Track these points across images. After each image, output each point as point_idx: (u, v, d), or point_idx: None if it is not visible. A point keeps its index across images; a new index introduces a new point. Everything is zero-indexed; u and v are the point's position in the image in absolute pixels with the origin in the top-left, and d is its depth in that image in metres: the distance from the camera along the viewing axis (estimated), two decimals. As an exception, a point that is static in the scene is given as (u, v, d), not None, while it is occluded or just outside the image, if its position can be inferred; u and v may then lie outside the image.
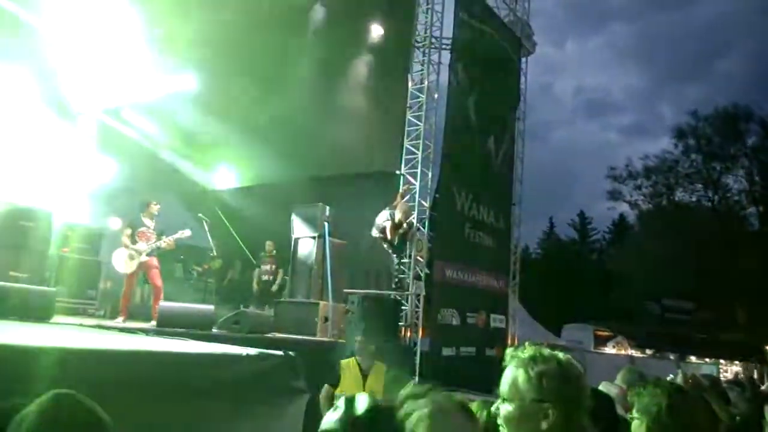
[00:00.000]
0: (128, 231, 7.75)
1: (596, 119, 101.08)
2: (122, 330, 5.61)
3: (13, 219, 8.39)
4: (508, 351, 1.62)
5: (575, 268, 40.04)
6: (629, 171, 34.87)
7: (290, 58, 11.16)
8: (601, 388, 3.00)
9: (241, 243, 10.68)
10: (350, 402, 1.38)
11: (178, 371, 1.19)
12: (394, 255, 9.22)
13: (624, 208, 37.73)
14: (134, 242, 7.66)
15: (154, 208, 7.96)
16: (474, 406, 1.86)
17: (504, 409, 1.52)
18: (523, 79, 12.93)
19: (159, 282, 7.81)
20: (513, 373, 1.54)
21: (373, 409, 1.37)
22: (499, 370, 1.63)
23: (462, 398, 1.81)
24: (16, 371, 1.47)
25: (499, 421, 1.53)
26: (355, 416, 1.34)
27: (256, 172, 10.98)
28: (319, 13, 11.25)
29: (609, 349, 22.94)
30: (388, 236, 9.04)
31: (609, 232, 45.40)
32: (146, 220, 7.90)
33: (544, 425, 1.44)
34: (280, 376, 2.70)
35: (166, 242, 7.85)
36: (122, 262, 7.58)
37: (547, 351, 1.54)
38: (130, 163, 11.62)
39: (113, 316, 8.18)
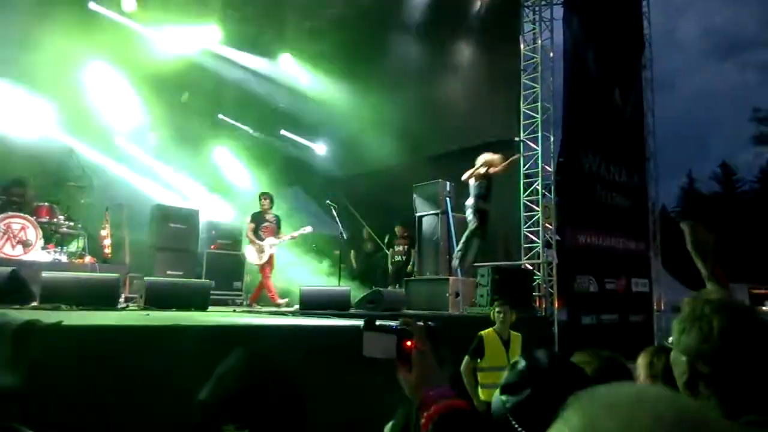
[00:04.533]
0: (251, 225, 8.25)
1: (730, 59, 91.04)
2: (273, 313, 6.00)
3: (165, 221, 9.31)
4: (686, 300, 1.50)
5: (722, 224, 36.53)
6: (779, 110, 31.08)
7: (396, 42, 11.21)
8: None
9: (366, 226, 10.99)
10: (530, 355, 1.37)
11: (346, 341, 1.28)
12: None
13: (775, 152, 33.73)
14: (260, 237, 8.15)
15: (264, 203, 8.39)
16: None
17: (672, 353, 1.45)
18: (646, 23, 11.93)
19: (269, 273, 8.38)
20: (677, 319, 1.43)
21: (555, 359, 1.37)
22: (646, 337, 1.54)
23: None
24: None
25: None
26: (538, 367, 1.33)
27: (376, 157, 11.21)
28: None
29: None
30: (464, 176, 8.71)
31: (757, 181, 40.89)
32: (265, 215, 8.37)
33: (683, 378, 1.34)
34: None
35: (290, 237, 8.32)
36: (254, 255, 8.13)
37: (707, 307, 1.38)
38: (256, 161, 12.40)
39: (258, 305, 8.79)
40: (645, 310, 10.48)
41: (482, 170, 8.59)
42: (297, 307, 7.03)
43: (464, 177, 8.72)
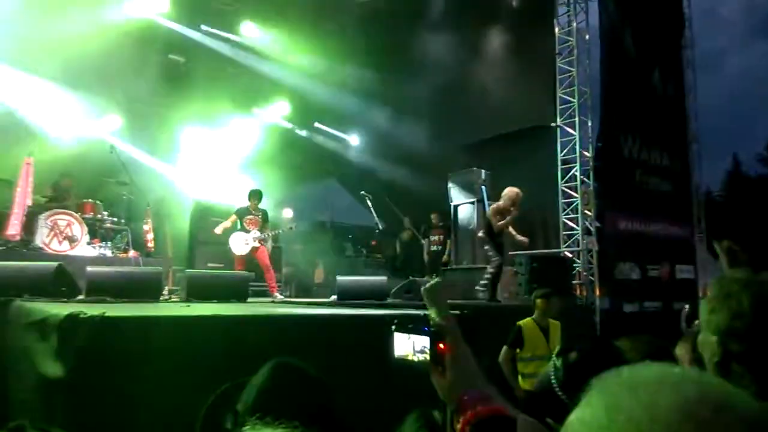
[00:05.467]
0: (233, 217, 8.21)
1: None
2: (310, 304, 6.05)
3: (205, 216, 9.51)
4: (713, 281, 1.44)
5: (771, 207, 35.15)
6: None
7: (429, 30, 11.10)
8: None
9: (404, 216, 10.97)
10: (563, 352, 1.36)
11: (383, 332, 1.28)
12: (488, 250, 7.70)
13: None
14: (246, 229, 8.14)
15: (251, 204, 8.32)
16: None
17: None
18: (685, 1, 11.51)
19: (268, 261, 8.24)
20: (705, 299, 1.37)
21: (586, 353, 1.37)
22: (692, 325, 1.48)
23: None
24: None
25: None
26: (570, 362, 1.32)
27: (411, 147, 11.16)
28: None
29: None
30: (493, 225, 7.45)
31: (810, 161, 39.10)
32: (251, 209, 8.35)
33: (714, 359, 1.28)
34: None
35: (273, 233, 8.39)
36: (239, 245, 8.08)
37: (735, 284, 1.30)
38: (291, 155, 12.48)
39: (297, 296, 8.89)
40: (690, 298, 10.18)
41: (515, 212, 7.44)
42: (334, 297, 7.07)
43: (500, 225, 7.36)
